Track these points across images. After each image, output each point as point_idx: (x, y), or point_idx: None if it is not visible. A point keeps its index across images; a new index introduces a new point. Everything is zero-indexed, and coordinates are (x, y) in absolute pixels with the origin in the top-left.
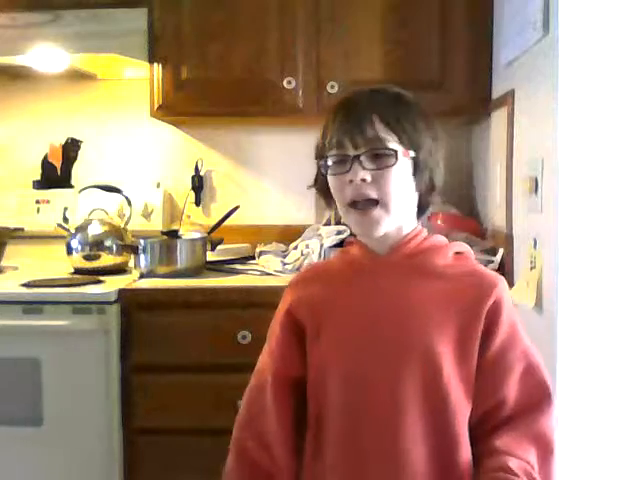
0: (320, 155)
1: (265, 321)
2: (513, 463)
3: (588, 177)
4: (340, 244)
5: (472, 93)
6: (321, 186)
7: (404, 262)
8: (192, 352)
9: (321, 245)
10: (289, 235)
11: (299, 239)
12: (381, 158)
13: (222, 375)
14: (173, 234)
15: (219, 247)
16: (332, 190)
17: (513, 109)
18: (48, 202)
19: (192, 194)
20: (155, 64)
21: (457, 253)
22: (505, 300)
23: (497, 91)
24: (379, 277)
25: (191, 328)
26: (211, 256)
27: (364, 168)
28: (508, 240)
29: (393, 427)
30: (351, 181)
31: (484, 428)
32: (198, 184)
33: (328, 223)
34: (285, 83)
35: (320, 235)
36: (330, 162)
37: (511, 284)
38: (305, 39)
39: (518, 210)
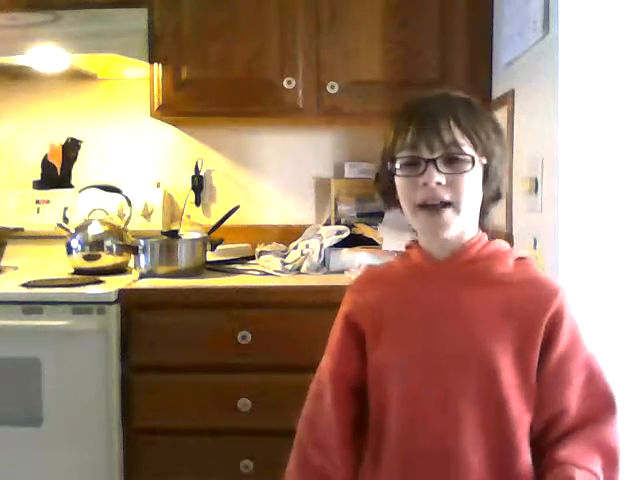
0: (389, 156)
1: (265, 321)
2: (578, 474)
3: (588, 177)
4: (340, 244)
5: (472, 93)
6: (384, 186)
7: (465, 268)
8: (192, 352)
9: (321, 245)
10: (289, 235)
11: (299, 239)
12: (457, 163)
13: (222, 375)
14: (173, 234)
15: (219, 247)
16: (400, 191)
17: (513, 109)
18: (48, 202)
19: (192, 194)
20: (155, 64)
21: (519, 259)
22: (566, 309)
23: (497, 91)
24: (439, 283)
25: (191, 328)
26: (211, 256)
27: (439, 172)
28: (508, 240)
29: (450, 435)
30: (425, 184)
31: (547, 439)
32: (198, 184)
33: (328, 223)
34: (285, 83)
35: (320, 235)
36: (401, 164)
37: None
38: (305, 39)
39: (518, 210)
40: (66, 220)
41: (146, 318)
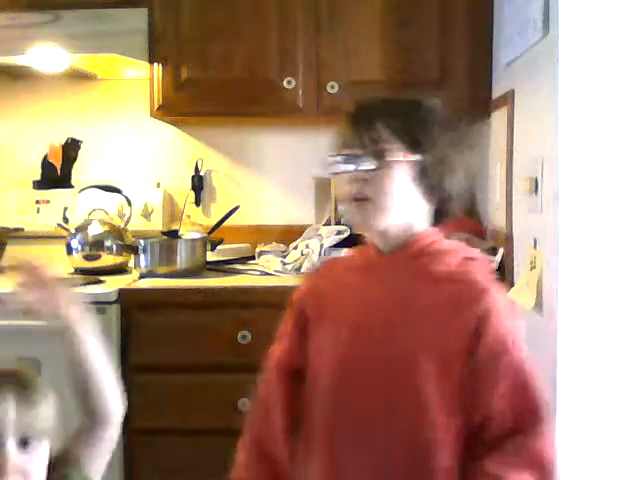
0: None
1: (265, 321)
2: None
3: (588, 177)
4: (340, 244)
5: (472, 93)
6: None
7: (407, 263)
8: (192, 352)
9: (321, 245)
10: (289, 235)
11: (299, 239)
12: (381, 159)
13: (222, 375)
14: (173, 234)
15: (219, 247)
16: (336, 186)
17: (513, 109)
18: (48, 202)
19: (192, 194)
20: (155, 64)
21: (467, 259)
22: (495, 310)
23: (497, 91)
24: (379, 275)
25: (191, 328)
26: (211, 256)
27: (362, 168)
28: (508, 240)
29: (373, 427)
30: (351, 180)
31: (476, 446)
32: (198, 184)
33: (328, 223)
34: (285, 83)
35: (320, 235)
36: (335, 161)
37: (511, 284)
38: (305, 39)
39: (518, 210)
40: (66, 220)
41: (146, 318)
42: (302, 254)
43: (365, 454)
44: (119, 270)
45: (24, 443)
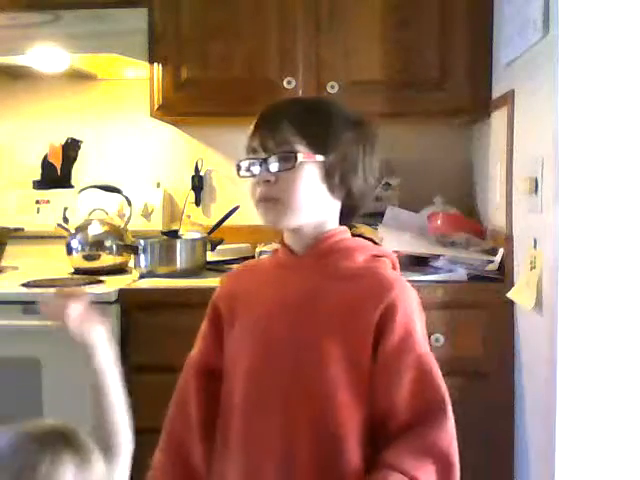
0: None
1: None
2: (394, 478)
3: (588, 177)
4: None
5: (472, 93)
6: None
7: (315, 262)
8: None
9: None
10: None
11: None
12: (285, 161)
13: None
14: (173, 234)
15: (219, 247)
16: (249, 190)
17: (513, 109)
18: (48, 202)
19: (192, 194)
20: (155, 64)
21: (375, 256)
22: (400, 304)
23: (497, 91)
24: (291, 274)
25: (191, 328)
26: (211, 256)
27: (269, 170)
28: (508, 240)
29: (281, 429)
30: (258, 182)
31: (381, 438)
32: (198, 184)
33: None
34: (285, 83)
35: None
36: (243, 165)
37: (511, 284)
38: (305, 39)
39: (518, 210)
40: (66, 220)
41: (146, 318)
42: None
43: (276, 443)
44: (119, 270)
45: None
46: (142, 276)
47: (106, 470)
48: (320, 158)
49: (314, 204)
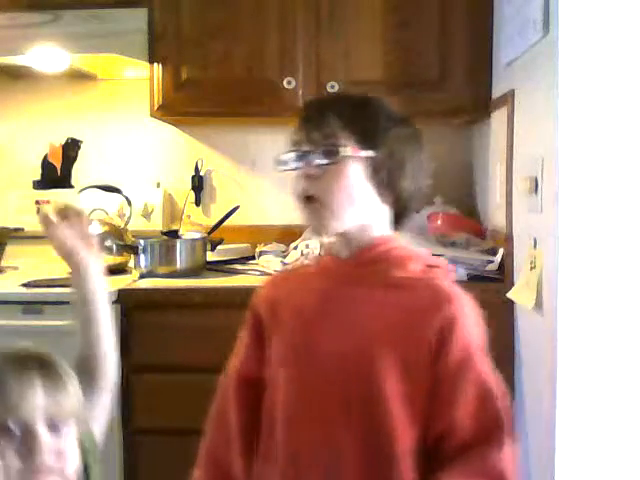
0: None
1: None
2: None
3: (588, 177)
4: None
5: (472, 93)
6: None
7: (364, 270)
8: (192, 352)
9: (321, 245)
10: (289, 235)
11: (299, 239)
12: (329, 154)
13: (222, 375)
14: (173, 234)
15: (219, 247)
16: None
17: (513, 109)
18: (48, 202)
19: (192, 194)
20: (155, 64)
21: (430, 266)
22: (460, 319)
23: (497, 91)
24: (335, 281)
25: (191, 328)
26: (211, 256)
27: (311, 164)
28: (508, 240)
29: (328, 442)
30: (305, 177)
31: (436, 458)
32: (198, 184)
33: None
34: (285, 83)
35: None
36: (286, 158)
37: (511, 284)
38: (305, 39)
39: (518, 210)
40: None
41: (146, 318)
42: (302, 254)
43: (323, 455)
44: (119, 270)
45: (54, 425)
46: (142, 276)
47: (87, 403)
48: (366, 154)
49: (358, 204)
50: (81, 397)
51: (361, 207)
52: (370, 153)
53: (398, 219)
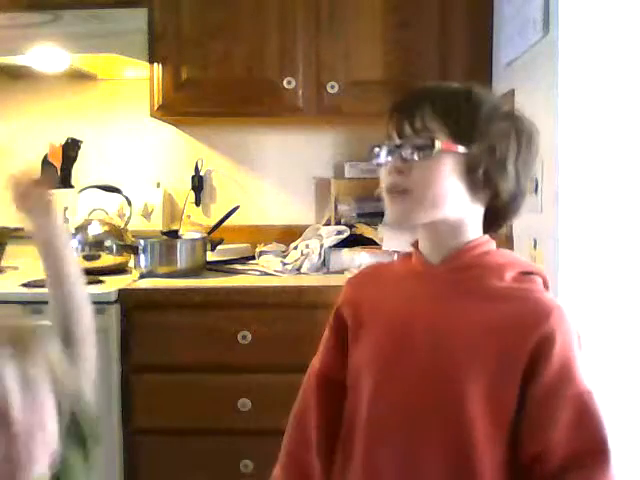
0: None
1: (265, 321)
2: None
3: (588, 177)
4: (340, 244)
5: None
6: None
7: (456, 275)
8: (192, 352)
9: (321, 245)
10: (289, 235)
11: (299, 239)
12: (421, 148)
13: (222, 375)
14: (173, 234)
15: (219, 247)
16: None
17: (513, 109)
18: None
19: (192, 194)
20: (155, 64)
21: (524, 273)
22: (559, 335)
23: (497, 91)
24: (426, 287)
25: (191, 328)
26: (211, 256)
27: (401, 158)
28: (508, 240)
29: (410, 453)
30: (393, 171)
31: (532, 478)
32: (198, 184)
33: (328, 223)
34: (285, 83)
35: (320, 235)
36: (377, 152)
37: None
38: (305, 39)
39: None
40: (66, 220)
41: (146, 318)
42: (302, 254)
43: (402, 468)
44: (119, 270)
45: (28, 393)
46: (142, 276)
47: (71, 362)
48: (462, 149)
49: (449, 203)
50: (57, 359)
51: (451, 204)
52: (465, 149)
53: (494, 221)
